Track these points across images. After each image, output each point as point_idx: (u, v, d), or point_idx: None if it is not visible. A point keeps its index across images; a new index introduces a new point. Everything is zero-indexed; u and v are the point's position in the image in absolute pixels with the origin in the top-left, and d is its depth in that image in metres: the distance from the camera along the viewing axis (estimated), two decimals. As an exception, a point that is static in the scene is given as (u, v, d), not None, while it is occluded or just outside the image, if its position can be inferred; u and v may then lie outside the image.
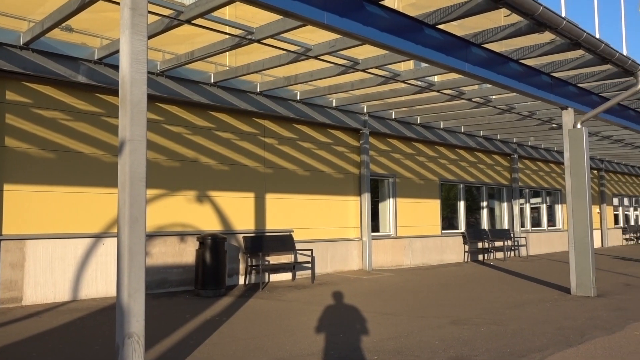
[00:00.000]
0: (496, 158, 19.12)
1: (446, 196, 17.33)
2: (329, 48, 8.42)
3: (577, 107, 10.71)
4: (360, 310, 8.20)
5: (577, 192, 9.91)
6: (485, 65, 8.57)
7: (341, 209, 13.54)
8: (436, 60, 7.67)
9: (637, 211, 29.94)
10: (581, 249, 9.79)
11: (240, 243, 11.23)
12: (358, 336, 6.47)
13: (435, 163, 16.54)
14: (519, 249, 18.96)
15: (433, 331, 6.75)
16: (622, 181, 28.04)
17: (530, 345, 6.03)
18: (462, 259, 16.87)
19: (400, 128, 14.76)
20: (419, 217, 15.76)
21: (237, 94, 11.05)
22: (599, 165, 24.83)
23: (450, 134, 16.42)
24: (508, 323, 7.26)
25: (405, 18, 7.22)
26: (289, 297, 9.56)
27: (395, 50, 7.25)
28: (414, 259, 15.29)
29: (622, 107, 12.79)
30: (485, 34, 8.17)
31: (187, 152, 10.70)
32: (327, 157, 13.35)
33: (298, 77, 10.66)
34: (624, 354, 5.65)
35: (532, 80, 9.69)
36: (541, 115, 14.19)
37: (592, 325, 7.08)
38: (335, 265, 13.20)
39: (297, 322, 7.30)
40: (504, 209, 19.50)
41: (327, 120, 12.87)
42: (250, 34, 7.94)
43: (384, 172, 14.84)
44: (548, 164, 22.05)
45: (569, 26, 7.58)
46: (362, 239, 13.73)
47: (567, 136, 10.14)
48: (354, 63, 9.52)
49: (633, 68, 9.58)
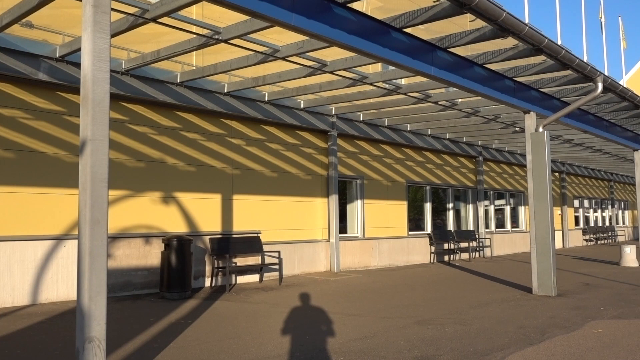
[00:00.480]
0: (462, 160, 19.45)
1: (413, 198, 17.54)
2: (297, 49, 8.42)
3: (539, 111, 10.98)
4: (327, 311, 8.22)
5: (538, 194, 10.16)
6: (451, 69, 8.71)
7: (309, 210, 13.55)
8: (403, 64, 7.76)
9: (597, 213, 30.89)
10: (542, 250, 10.04)
11: (207, 245, 11.11)
12: (324, 337, 6.47)
13: (403, 165, 16.72)
14: (483, 250, 19.33)
15: (399, 331, 6.82)
16: (582, 184, 28.88)
17: (492, 344, 6.14)
18: (428, 260, 17.08)
19: (368, 130, 14.87)
20: (387, 219, 15.90)
21: (204, 94, 10.94)
22: (561, 168, 25.52)
23: (417, 136, 16.62)
24: (472, 322, 7.38)
25: (373, 21, 7.28)
26: (256, 299, 9.50)
27: (363, 52, 7.30)
28: (381, 260, 15.41)
29: (582, 111, 13.18)
30: (451, 38, 8.30)
31: (153, 152, 10.53)
32: (295, 158, 13.34)
33: (266, 78, 10.62)
34: (582, 351, 5.81)
35: (496, 85, 9.90)
36: (505, 119, 14.50)
37: (552, 324, 7.26)
38: (303, 267, 13.20)
39: (264, 324, 7.27)
40: (469, 211, 19.85)
41: (295, 121, 12.87)
42: (217, 34, 7.88)
43: (352, 173, 14.92)
44: (512, 166, 22.54)
45: (531, 32, 7.77)
46: (329, 241, 13.77)
47: (530, 139, 10.38)
48: (322, 65, 9.54)
49: (592, 74, 9.87)
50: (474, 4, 6.55)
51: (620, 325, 7.19)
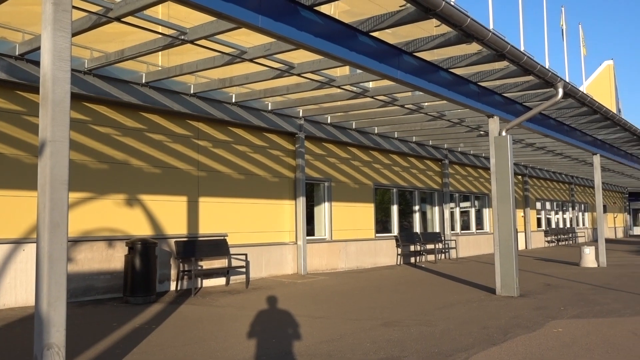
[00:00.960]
0: (428, 163, 19.71)
1: (380, 200, 17.67)
2: (264, 51, 8.39)
3: (503, 116, 11.22)
4: (293, 314, 8.20)
5: (502, 197, 10.36)
6: (417, 73, 8.82)
7: (276, 212, 13.50)
8: (369, 67, 7.82)
9: (558, 215, 31.73)
10: (505, 251, 10.24)
11: (172, 248, 10.95)
12: (290, 340, 6.45)
13: (370, 168, 16.83)
14: (449, 252, 19.61)
15: (365, 333, 6.85)
16: (544, 186, 29.63)
17: (457, 344, 6.23)
18: (395, 262, 17.23)
19: (335, 132, 14.92)
20: (354, 221, 15.97)
21: (170, 95, 10.79)
22: (523, 171, 26.13)
23: (384, 139, 16.76)
24: (437, 324, 7.48)
25: (340, 24, 7.31)
26: (222, 303, 9.41)
27: (330, 55, 7.32)
28: (348, 262, 15.47)
29: (544, 116, 13.53)
30: (417, 43, 8.41)
31: (117, 153, 10.33)
32: (262, 160, 13.28)
33: (233, 80, 10.55)
34: (543, 350, 5.95)
35: (460, 89, 10.07)
36: (470, 123, 14.76)
37: (514, 324, 7.41)
38: (270, 270, 13.14)
39: (230, 328, 7.20)
40: (435, 213, 20.12)
41: (263, 123, 12.81)
42: (183, 35, 7.78)
43: (320, 176, 14.94)
44: (477, 169, 22.95)
45: (494, 38, 7.94)
46: (297, 243, 13.75)
47: (493, 143, 10.59)
48: (290, 67, 9.54)
49: (553, 80, 10.15)
50: (439, 9, 6.66)
51: (580, 325, 7.40)
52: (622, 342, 6.28)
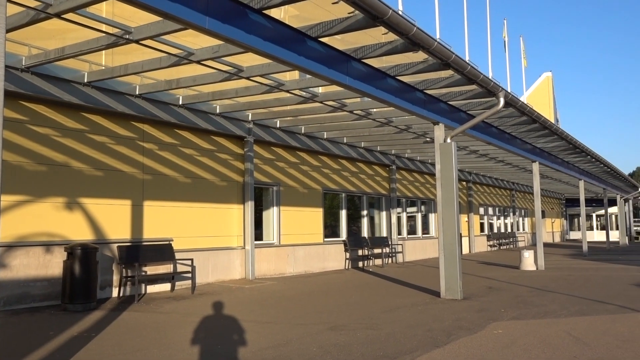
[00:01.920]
0: (376, 169, 19.98)
1: (329, 205, 17.76)
2: (212, 53, 8.28)
3: (447, 123, 11.51)
4: (240, 320, 8.10)
5: (446, 202, 10.62)
6: (365, 80, 8.93)
7: (224, 217, 13.33)
8: (318, 73, 7.85)
9: (500, 220, 32.83)
10: (450, 255, 10.49)
11: (115, 253, 10.61)
12: (236, 347, 6.37)
13: (319, 172, 16.90)
14: (396, 256, 19.91)
15: (312, 338, 6.85)
16: (487, 192, 30.61)
17: (401, 347, 6.32)
18: (343, 266, 17.34)
19: (284, 137, 14.89)
20: (303, 226, 15.97)
21: (114, 96, 10.47)
22: (468, 177, 26.90)
23: (333, 144, 16.87)
24: (383, 327, 7.56)
25: (289, 29, 7.31)
26: (166, 309, 9.19)
27: (279, 60, 7.31)
28: (296, 267, 15.44)
29: (486, 124, 13.98)
30: (365, 50, 8.51)
31: (56, 155, 9.92)
32: (210, 164, 13.09)
33: (180, 81, 10.35)
34: (484, 352, 6.12)
35: (407, 96, 10.26)
36: (416, 130, 15.08)
37: (457, 326, 7.60)
38: (217, 275, 12.94)
39: (174, 335, 7.03)
40: (383, 218, 20.40)
41: (211, 126, 12.63)
42: (128, 34, 7.57)
43: (269, 180, 14.86)
44: (423, 175, 23.45)
45: (439, 47, 8.14)
46: (245, 248, 13.61)
47: (438, 150, 10.84)
48: (238, 70, 9.45)
49: (495, 89, 10.50)
50: (386, 17, 6.77)
51: (518, 326, 7.66)
52: (558, 342, 6.54)
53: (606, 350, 6.11)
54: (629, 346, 6.32)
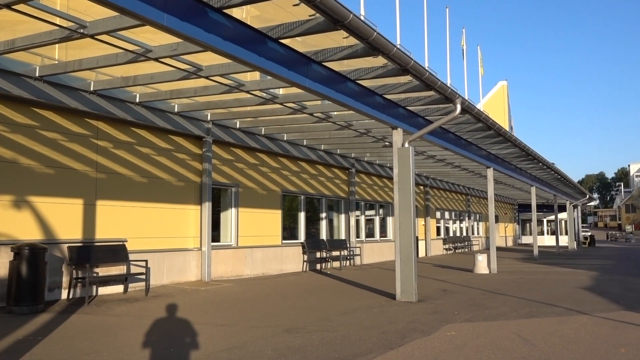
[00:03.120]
0: (336, 171, 20.06)
1: (289, 207, 17.73)
2: (171, 51, 8.14)
3: (406, 128, 11.66)
4: (194, 322, 7.97)
5: (403, 206, 10.75)
6: (325, 83, 8.95)
7: (180, 218, 13.10)
8: (278, 74, 7.83)
9: (456, 224, 33.51)
10: (406, 258, 10.62)
11: (65, 254, 10.27)
12: (189, 350, 6.26)
13: (278, 174, 16.84)
14: (354, 258, 20.04)
15: (267, 340, 6.80)
16: (444, 197, 31.19)
17: (356, 349, 6.36)
18: (301, 269, 17.32)
19: (244, 138, 14.78)
20: (261, 227, 15.88)
21: (67, 91, 10.14)
22: (425, 182, 27.34)
23: (293, 146, 16.85)
24: (338, 329, 7.59)
25: (249, 29, 7.26)
26: (118, 312, 8.95)
27: (239, 60, 7.25)
28: (254, 269, 15.33)
29: (444, 130, 14.25)
30: (326, 53, 8.54)
31: (4, 151, 9.53)
32: (167, 164, 12.85)
33: (137, 79, 10.13)
34: (437, 353, 6.22)
35: (367, 100, 10.35)
36: (376, 134, 15.23)
37: (411, 328, 7.69)
38: (172, 277, 12.71)
39: (125, 338, 6.86)
40: (342, 220, 20.51)
41: (168, 125, 12.40)
42: (82, 28, 7.35)
43: (227, 181, 14.71)
44: (382, 178, 23.69)
45: (399, 53, 8.25)
46: (201, 249, 13.41)
47: (396, 154, 10.97)
48: (198, 69, 9.32)
49: (452, 96, 10.71)
50: (347, 21, 6.81)
51: (471, 328, 7.82)
52: (508, 344, 6.71)
53: (553, 352, 6.31)
54: (574, 347, 6.55)
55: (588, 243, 44.26)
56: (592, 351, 6.36)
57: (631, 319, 8.57)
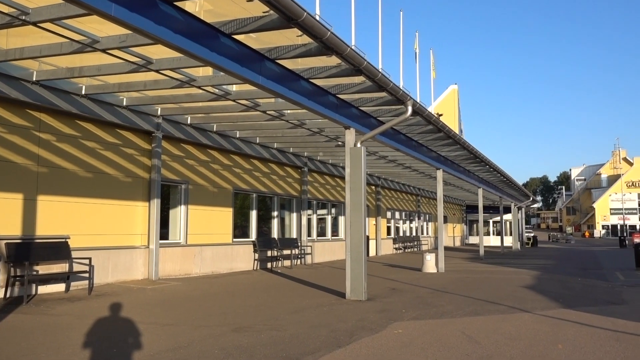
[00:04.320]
0: (288, 170, 20.01)
1: (241, 205, 17.55)
2: (119, 43, 7.90)
3: (358, 128, 11.75)
4: (139, 322, 7.76)
5: (354, 205, 10.83)
6: (278, 80, 8.90)
7: (128, 214, 12.74)
8: (231, 70, 7.72)
9: (406, 224, 34.08)
10: (356, 257, 10.70)
11: (3, 251, 9.79)
12: (133, 350, 6.09)
13: (230, 172, 16.64)
14: (305, 257, 20.05)
15: (214, 340, 6.70)
16: (395, 197, 31.66)
17: (304, 348, 6.35)
18: (252, 267, 17.19)
19: (195, 134, 14.52)
20: (211, 225, 15.65)
21: (7, 81, 9.66)
22: (377, 182, 27.66)
23: (245, 143, 16.69)
24: (287, 328, 7.57)
25: (202, 23, 7.13)
26: (58, 311, 8.62)
27: (190, 54, 7.10)
28: (203, 268, 15.09)
29: (395, 131, 14.45)
30: (279, 50, 8.49)
31: (-64, 142, 9.02)
32: (114, 159, 12.47)
33: (83, 70, 9.77)
34: (384, 351, 6.30)
35: (320, 99, 10.36)
36: (329, 133, 15.28)
37: (360, 327, 7.76)
38: (118, 275, 12.35)
39: (65, 339, 6.61)
40: (294, 219, 20.48)
41: (116, 119, 12.03)
42: (25, 15, 7.03)
43: (177, 178, 14.42)
44: (334, 178, 23.81)
45: (352, 53, 8.29)
46: (149, 247, 13.09)
47: (348, 154, 11.04)
48: (147, 62, 9.08)
49: (404, 98, 10.87)
50: (301, 19, 6.79)
51: (417, 326, 7.96)
52: (453, 341, 6.87)
53: (495, 348, 6.50)
54: (515, 344, 6.77)
55: (531, 243, 45.96)
56: (531, 347, 6.59)
57: (569, 316, 8.94)
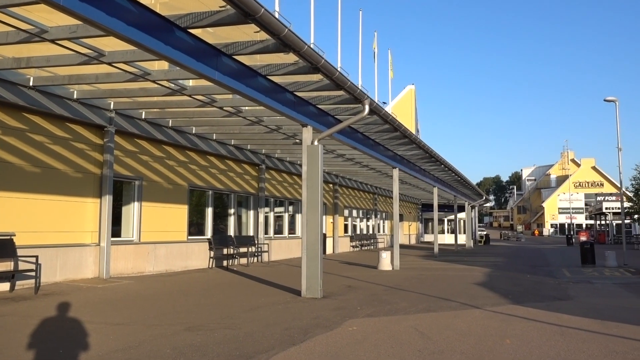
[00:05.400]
0: (246, 167, 19.85)
1: (197, 202, 17.30)
2: (69, 33, 7.63)
3: (316, 126, 11.76)
4: (88, 321, 7.54)
5: (311, 203, 10.84)
6: (235, 76, 8.80)
7: (77, 211, 12.35)
8: (186, 65, 7.58)
9: (363, 222, 34.39)
10: (312, 255, 10.72)
11: (-58, 248, 9.34)
12: (80, 350, 5.91)
13: (186, 168, 16.37)
14: (261, 255, 19.95)
15: (166, 339, 6.58)
16: (352, 195, 31.88)
17: (258, 346, 6.32)
18: (207, 265, 16.97)
19: (150, 129, 14.21)
20: (166, 223, 15.36)
21: (-51, 70, 9.23)
22: (334, 180, 27.79)
23: (202, 140, 16.45)
24: (242, 326, 7.51)
25: (156, 16, 6.98)
26: (2, 311, 8.28)
27: (144, 47, 6.93)
28: (157, 266, 14.80)
29: (353, 130, 14.54)
30: (237, 46, 8.40)
31: None
32: (63, 153, 12.06)
33: (31, 60, 9.40)
34: (338, 348, 6.33)
35: (277, 97, 10.31)
36: (287, 131, 15.24)
37: (315, 324, 7.77)
38: (67, 274, 11.96)
39: (8, 340, 6.35)
40: (251, 217, 20.33)
41: (66, 112, 11.64)
42: (-34, 1, 6.70)
43: (130, 174, 14.08)
44: (292, 175, 23.78)
45: (310, 51, 8.29)
46: (100, 245, 12.73)
47: (306, 151, 11.04)
48: (99, 54, 8.82)
49: (361, 97, 10.95)
50: (258, 15, 6.74)
51: (372, 323, 8.04)
52: (405, 338, 6.97)
53: (446, 344, 6.64)
54: (466, 339, 6.93)
55: (483, 241, 47.15)
56: (481, 342, 6.76)
57: (517, 312, 9.21)
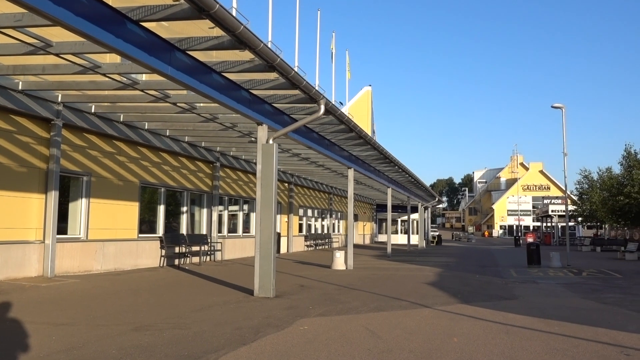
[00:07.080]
0: (200, 165, 19.56)
1: (149, 199, 16.93)
2: (14, 22, 7.34)
3: (271, 125, 11.71)
4: (30, 322, 7.26)
5: (265, 202, 10.78)
6: (189, 72, 8.66)
7: (20, 207, 11.87)
8: (138, 58, 7.41)
9: (318, 221, 34.49)
10: (265, 254, 10.67)
11: None
12: (20, 352, 5.69)
13: (137, 164, 15.99)
14: (214, 254, 19.71)
15: (112, 340, 6.41)
16: (307, 195, 31.94)
17: (208, 346, 6.24)
18: (158, 264, 16.63)
19: (100, 124, 13.80)
20: (115, 220, 14.96)
21: None
22: (290, 179, 27.76)
23: (154, 136, 16.11)
24: (191, 326, 7.39)
25: (106, 7, 6.78)
26: None
27: (93, 39, 6.73)
28: (105, 264, 14.40)
29: (308, 129, 14.56)
30: (191, 41, 8.27)
31: None
32: (6, 146, 11.56)
33: (-28, 49, 8.98)
34: (288, 347, 6.32)
35: (233, 94, 10.21)
36: (242, 129, 15.11)
37: (266, 324, 7.74)
38: (8, 272, 11.48)
39: (-59, 342, 6.04)
40: (204, 215, 20.06)
41: (10, 104, 11.16)
42: None
43: (78, 169, 13.63)
44: (247, 174, 23.60)
45: (265, 49, 8.25)
46: (44, 242, 12.28)
47: (260, 150, 10.97)
48: (47, 45, 8.50)
49: (317, 96, 10.98)
50: (213, 11, 6.66)
51: (323, 322, 8.07)
52: (356, 337, 7.03)
53: (396, 342, 6.73)
54: (414, 338, 7.05)
55: (436, 242, 48.15)
56: (429, 341, 6.89)
57: (466, 311, 9.45)
